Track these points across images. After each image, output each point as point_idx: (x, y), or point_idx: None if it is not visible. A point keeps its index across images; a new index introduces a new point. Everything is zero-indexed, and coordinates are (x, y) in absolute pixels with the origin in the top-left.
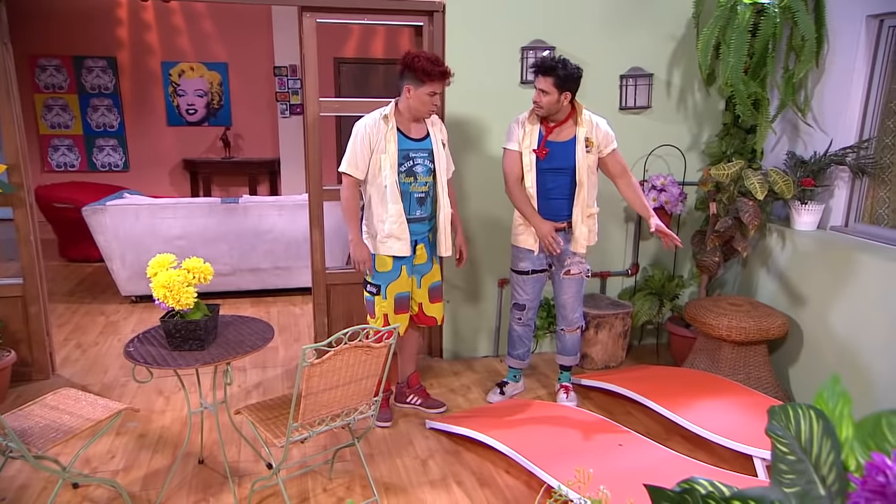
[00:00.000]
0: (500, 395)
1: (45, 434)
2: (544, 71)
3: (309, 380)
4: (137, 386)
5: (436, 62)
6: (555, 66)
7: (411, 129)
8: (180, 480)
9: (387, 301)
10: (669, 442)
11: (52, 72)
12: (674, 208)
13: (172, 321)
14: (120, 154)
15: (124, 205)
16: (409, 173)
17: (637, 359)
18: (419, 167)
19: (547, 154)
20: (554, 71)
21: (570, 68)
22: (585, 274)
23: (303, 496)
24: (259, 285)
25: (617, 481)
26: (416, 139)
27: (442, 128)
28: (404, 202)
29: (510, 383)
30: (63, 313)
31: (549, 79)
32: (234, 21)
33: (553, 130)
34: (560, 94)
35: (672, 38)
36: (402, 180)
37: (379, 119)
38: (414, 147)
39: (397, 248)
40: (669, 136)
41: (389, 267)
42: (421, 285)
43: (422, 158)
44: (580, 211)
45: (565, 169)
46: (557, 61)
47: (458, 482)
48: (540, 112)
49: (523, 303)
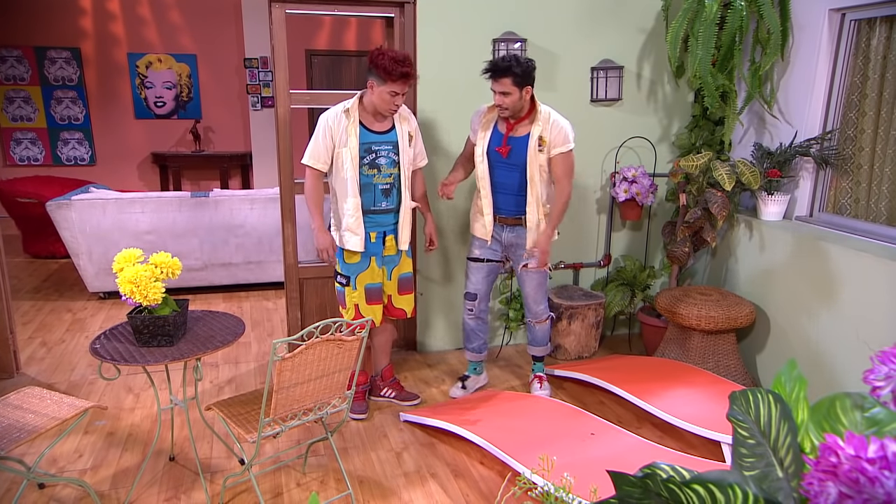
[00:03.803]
0: (462, 389)
1: (9, 434)
2: (501, 72)
3: (280, 374)
4: (106, 384)
5: (401, 62)
6: (509, 65)
7: (374, 122)
8: (151, 478)
9: (357, 291)
10: (641, 430)
11: (13, 63)
12: (644, 199)
13: (140, 317)
14: (86, 147)
15: (91, 199)
16: (373, 165)
17: (610, 349)
18: (382, 159)
19: (509, 151)
20: (510, 70)
21: (525, 63)
22: (546, 275)
23: (276, 491)
24: (231, 280)
25: (587, 469)
26: (380, 132)
27: (411, 120)
28: (368, 194)
29: (471, 377)
30: (28, 311)
31: (507, 79)
32: (202, 12)
33: (514, 127)
34: (521, 91)
35: (642, 31)
36: (365, 172)
37: (340, 113)
38: (377, 140)
39: (353, 242)
40: (640, 128)
41: (358, 258)
42: (391, 276)
43: (386, 151)
44: (535, 209)
45: (517, 165)
46: (510, 60)
47: (433, 474)
48: (505, 114)
49: (474, 291)
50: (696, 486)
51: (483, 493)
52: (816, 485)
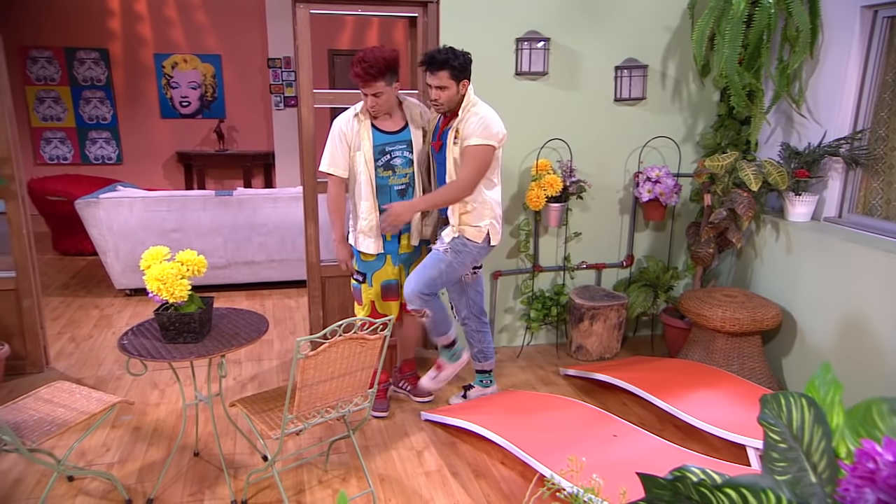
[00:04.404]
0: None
1: (40, 427)
2: (438, 65)
3: (304, 372)
4: (132, 379)
5: (354, 62)
6: (447, 58)
7: (385, 122)
8: (176, 473)
9: (373, 288)
10: (663, 432)
11: (44, 63)
12: (668, 200)
13: (167, 314)
14: (113, 147)
15: (118, 198)
16: (387, 167)
17: (632, 350)
18: (397, 160)
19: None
20: (448, 63)
21: (462, 56)
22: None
23: (298, 488)
24: (254, 278)
25: (611, 471)
26: (392, 132)
27: (428, 116)
28: (384, 196)
29: (475, 387)
30: (57, 307)
31: (444, 72)
32: (227, 13)
33: (449, 122)
34: (458, 85)
35: (667, 30)
36: (380, 174)
37: (352, 117)
38: (390, 140)
39: (367, 245)
40: (664, 128)
41: (374, 257)
42: (409, 272)
43: (400, 151)
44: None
45: (443, 161)
46: (446, 52)
47: (454, 473)
48: (441, 109)
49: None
50: (729, 490)
51: (504, 494)
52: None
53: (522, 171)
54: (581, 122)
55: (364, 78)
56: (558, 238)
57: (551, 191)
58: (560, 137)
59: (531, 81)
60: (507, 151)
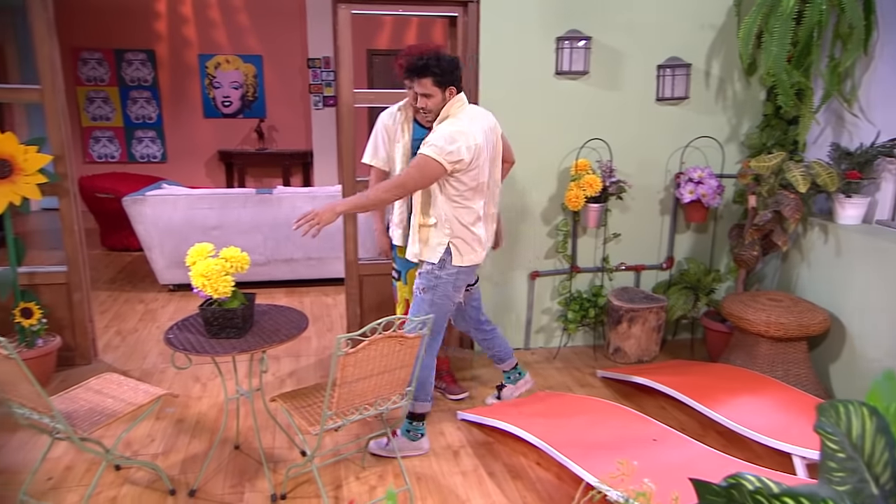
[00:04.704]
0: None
1: (90, 417)
2: (419, 72)
3: (343, 369)
4: (175, 372)
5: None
6: (428, 64)
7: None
8: (217, 465)
9: (407, 287)
10: (704, 438)
11: (94, 65)
12: (711, 201)
13: (211, 309)
14: (158, 145)
15: (163, 195)
16: None
17: (671, 353)
18: None
19: None
20: (428, 70)
21: (444, 62)
22: (418, 289)
23: (336, 483)
24: (292, 275)
25: (652, 476)
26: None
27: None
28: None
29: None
30: (104, 301)
31: (426, 80)
32: (268, 14)
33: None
34: (444, 92)
35: (712, 27)
36: None
37: (395, 111)
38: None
39: (396, 235)
40: (707, 128)
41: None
42: None
43: None
44: (415, 219)
45: None
46: (430, 58)
47: (490, 474)
48: (429, 117)
49: None
50: (787, 500)
51: (541, 496)
52: None
53: (561, 171)
54: (622, 122)
55: (409, 71)
56: (597, 239)
57: (590, 191)
58: (600, 137)
59: (571, 81)
60: (546, 151)
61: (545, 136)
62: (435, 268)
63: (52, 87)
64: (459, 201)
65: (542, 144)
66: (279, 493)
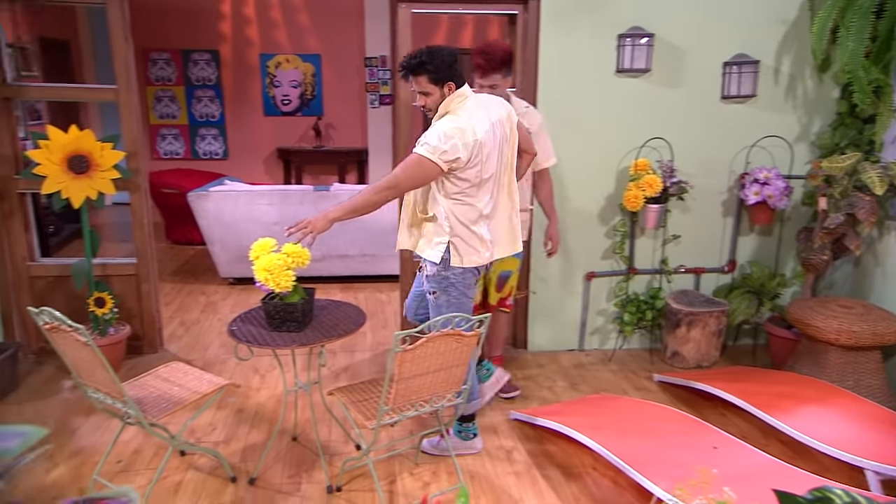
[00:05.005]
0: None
1: (159, 404)
2: (414, 70)
3: (401, 365)
4: (235, 363)
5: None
6: (422, 61)
7: None
8: (275, 455)
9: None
10: (767, 448)
11: (163, 65)
12: (778, 203)
13: (273, 303)
14: (220, 143)
15: (226, 191)
16: None
17: (732, 359)
18: None
19: None
20: (423, 67)
21: (440, 57)
22: (428, 291)
23: (390, 478)
24: (347, 271)
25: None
26: None
27: (530, 116)
28: None
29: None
30: (168, 292)
31: (422, 77)
32: (327, 14)
33: None
34: (442, 88)
35: (782, 23)
36: None
37: None
38: None
39: None
40: (775, 127)
41: None
42: (489, 272)
43: None
44: (414, 211)
45: None
46: (423, 54)
47: (544, 475)
48: (431, 115)
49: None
50: None
51: (596, 500)
52: None
53: (620, 171)
54: (684, 121)
55: (485, 69)
56: (655, 240)
57: (650, 191)
58: (661, 136)
59: (632, 79)
60: (605, 150)
61: (604, 135)
62: (440, 269)
63: (126, 86)
64: (460, 198)
65: (601, 143)
66: (335, 485)
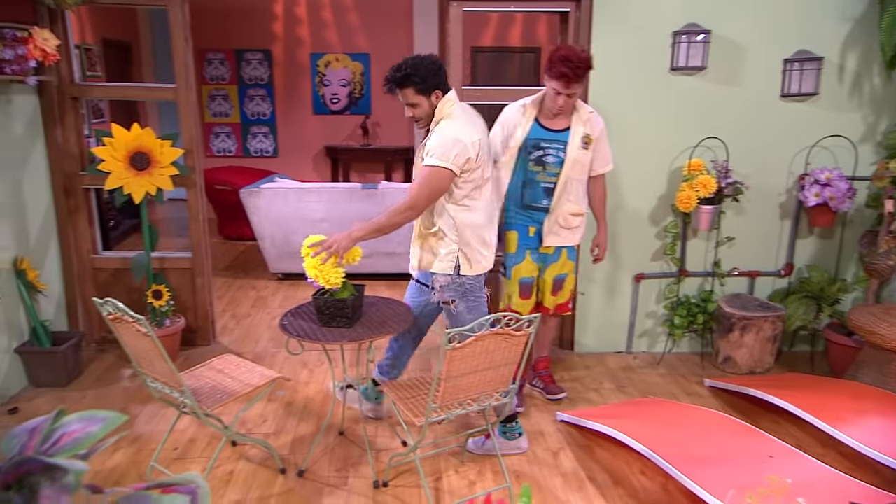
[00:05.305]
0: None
1: (213, 395)
2: (400, 83)
3: (450, 363)
4: (284, 357)
5: (561, 61)
6: (408, 73)
7: (552, 120)
8: (323, 449)
9: (512, 283)
10: (825, 458)
11: (217, 64)
12: (840, 205)
13: (323, 299)
14: (270, 141)
15: (276, 188)
16: (539, 162)
17: (787, 366)
18: (550, 157)
19: None
20: (410, 79)
21: (424, 67)
22: (444, 302)
23: (436, 476)
24: (394, 269)
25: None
26: (553, 129)
27: (595, 123)
28: (532, 190)
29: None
30: (220, 286)
31: (409, 89)
32: (377, 13)
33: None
34: (429, 98)
35: (848, 18)
36: (531, 168)
37: (519, 106)
38: (548, 137)
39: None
40: (839, 126)
41: (514, 248)
42: (545, 274)
43: (555, 150)
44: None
45: None
46: (408, 66)
47: (591, 478)
48: (421, 125)
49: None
50: None
51: None
52: None
53: (672, 171)
54: (741, 120)
55: (571, 78)
56: (708, 242)
57: (704, 192)
58: (716, 136)
59: (687, 77)
60: (657, 150)
61: (656, 135)
62: (453, 277)
63: (185, 86)
64: (466, 203)
65: (653, 143)
66: (381, 481)
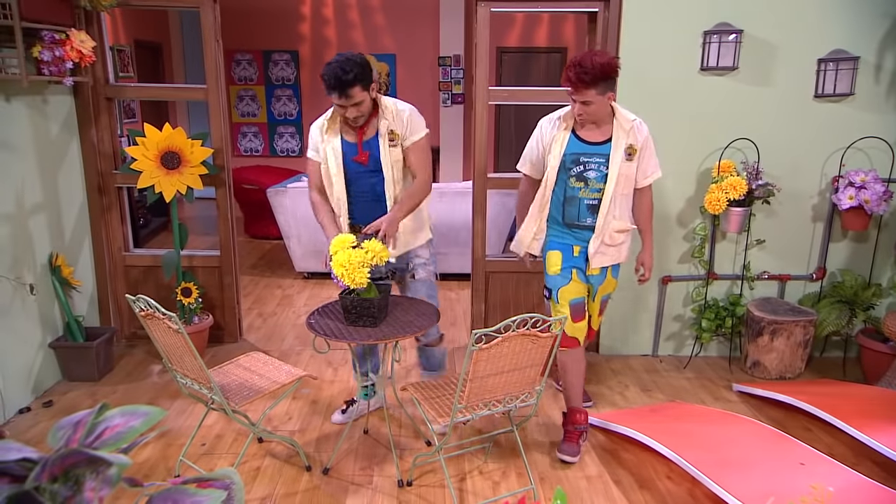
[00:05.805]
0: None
1: (241, 391)
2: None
3: (476, 363)
4: (310, 355)
5: (572, 65)
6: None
7: (591, 131)
8: (348, 447)
9: (561, 305)
10: (858, 467)
11: (245, 65)
12: (875, 208)
13: (350, 298)
14: (296, 140)
15: (302, 187)
16: (580, 178)
17: (818, 372)
18: (591, 172)
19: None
20: (357, 79)
21: (360, 64)
22: (432, 276)
23: (460, 476)
24: None
25: None
26: (593, 143)
27: (639, 131)
28: (572, 208)
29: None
30: (247, 285)
31: (356, 88)
32: (404, 13)
33: (364, 131)
34: (370, 91)
35: (885, 16)
36: (571, 184)
37: (555, 119)
38: (587, 151)
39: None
40: (875, 127)
41: (557, 269)
42: (595, 297)
43: (597, 164)
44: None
45: (375, 171)
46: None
47: (616, 481)
48: (360, 122)
49: None
50: None
51: None
52: None
53: (702, 173)
54: (772, 121)
55: (575, 84)
56: (737, 245)
57: (734, 194)
58: (747, 137)
59: (718, 77)
60: (687, 151)
61: (686, 135)
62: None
63: (215, 86)
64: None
65: (682, 143)
66: (406, 480)
